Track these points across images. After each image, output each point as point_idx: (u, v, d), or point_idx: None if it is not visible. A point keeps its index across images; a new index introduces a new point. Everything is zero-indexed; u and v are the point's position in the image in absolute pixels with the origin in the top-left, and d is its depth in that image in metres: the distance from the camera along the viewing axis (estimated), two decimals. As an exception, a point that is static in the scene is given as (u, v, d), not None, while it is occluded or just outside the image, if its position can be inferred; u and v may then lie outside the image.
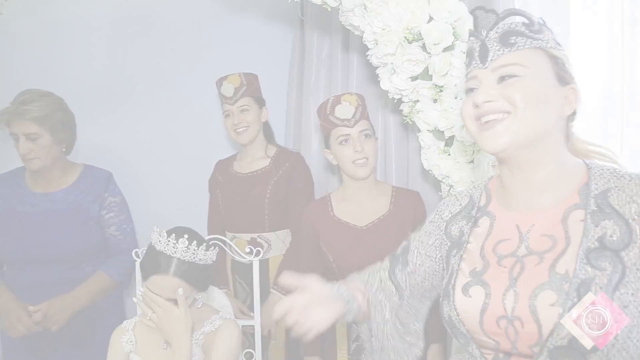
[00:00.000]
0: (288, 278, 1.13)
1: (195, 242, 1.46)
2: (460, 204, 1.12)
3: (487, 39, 0.99)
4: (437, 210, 1.18)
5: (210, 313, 1.59)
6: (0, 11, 2.00)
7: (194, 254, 1.46)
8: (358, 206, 1.83)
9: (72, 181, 2.02)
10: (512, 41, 0.96)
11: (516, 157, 0.97)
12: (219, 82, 2.19)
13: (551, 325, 0.85)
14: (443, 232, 1.12)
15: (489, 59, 0.98)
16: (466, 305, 0.97)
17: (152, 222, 1.54)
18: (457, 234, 1.09)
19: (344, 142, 1.79)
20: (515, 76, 0.94)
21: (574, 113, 0.99)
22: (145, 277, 1.47)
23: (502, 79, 0.96)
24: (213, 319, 1.56)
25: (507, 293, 0.92)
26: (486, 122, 0.96)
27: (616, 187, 0.91)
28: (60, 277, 1.93)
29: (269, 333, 2.12)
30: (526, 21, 0.98)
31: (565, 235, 0.91)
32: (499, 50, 0.97)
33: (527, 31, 0.97)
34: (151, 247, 1.49)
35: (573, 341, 0.83)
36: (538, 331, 0.87)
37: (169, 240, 1.45)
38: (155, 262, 1.45)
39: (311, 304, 1.07)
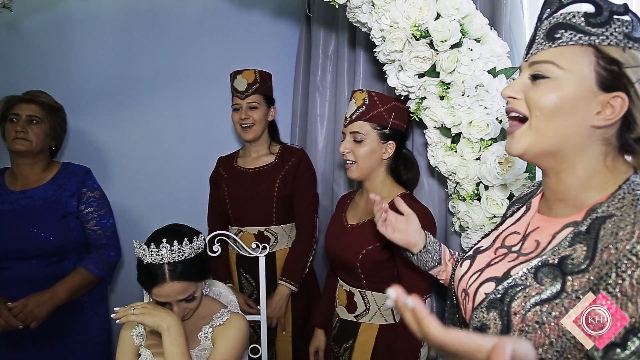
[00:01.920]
0: (402, 204, 1.42)
1: (175, 241, 1.44)
2: (528, 190, 1.14)
3: (539, 29, 0.92)
4: None
5: (219, 307, 1.62)
6: (9, 7, 2.00)
7: (180, 252, 1.45)
8: (361, 205, 1.83)
9: (50, 178, 2.05)
10: (558, 35, 0.88)
11: (539, 163, 0.95)
12: (233, 75, 2.21)
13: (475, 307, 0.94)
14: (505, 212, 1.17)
15: (531, 51, 0.93)
16: (456, 273, 1.08)
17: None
18: (507, 216, 1.13)
19: (342, 139, 1.79)
20: (545, 77, 0.88)
21: (632, 122, 0.86)
22: (148, 292, 1.49)
23: (534, 77, 0.90)
24: (221, 312, 1.58)
25: (475, 273, 1.00)
26: (510, 118, 0.95)
27: (620, 216, 0.81)
28: (41, 274, 1.94)
29: (279, 324, 2.15)
30: (591, 10, 0.86)
31: (546, 246, 0.90)
32: (541, 44, 0.90)
33: (582, 23, 0.86)
34: (139, 262, 1.48)
35: (483, 327, 0.90)
36: (472, 310, 0.96)
37: (151, 251, 1.44)
38: (149, 275, 1.45)
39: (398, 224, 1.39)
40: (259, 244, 1.93)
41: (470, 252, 1.08)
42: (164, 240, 1.43)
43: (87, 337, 2.03)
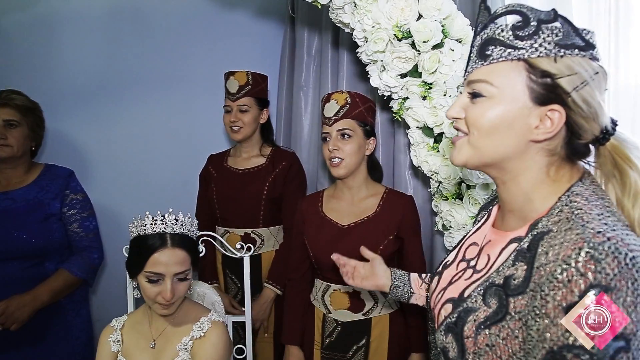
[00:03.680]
0: (366, 251, 1.48)
1: (180, 213, 1.49)
2: (494, 195, 1.12)
3: (473, 45, 0.91)
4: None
5: (199, 314, 1.56)
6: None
7: (182, 225, 1.48)
8: (346, 205, 1.82)
9: (33, 179, 2.03)
10: (489, 52, 0.86)
11: (485, 172, 0.95)
12: (227, 76, 2.19)
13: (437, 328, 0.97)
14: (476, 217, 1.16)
15: (467, 70, 0.92)
16: (430, 291, 1.10)
17: (129, 220, 1.52)
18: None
19: (324, 140, 1.79)
20: (481, 96, 0.87)
21: (577, 130, 0.84)
22: (141, 264, 1.42)
23: (473, 95, 0.89)
24: (201, 321, 1.52)
25: (440, 292, 1.02)
26: (456, 133, 0.95)
27: (555, 231, 0.80)
28: (22, 275, 1.91)
29: (261, 326, 2.15)
30: (518, 21, 0.84)
31: (494, 262, 0.90)
32: (475, 62, 0.89)
33: (510, 37, 0.84)
34: (138, 238, 1.46)
35: (444, 350, 0.92)
36: (438, 329, 0.97)
37: (155, 220, 1.45)
38: (149, 245, 1.43)
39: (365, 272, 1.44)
40: (244, 245, 1.92)
41: (440, 268, 1.09)
42: (170, 209, 1.48)
43: (68, 339, 2.00)
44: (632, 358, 0.71)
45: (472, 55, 0.91)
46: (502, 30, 0.85)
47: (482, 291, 0.87)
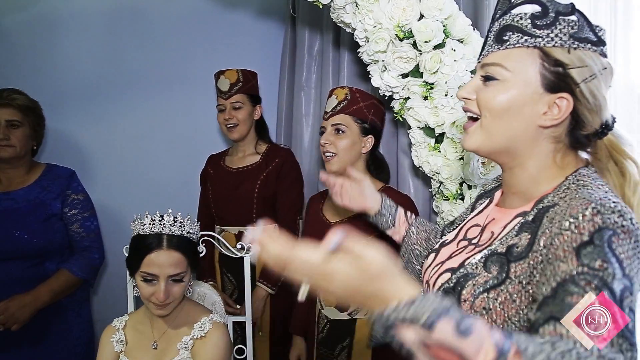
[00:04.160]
0: (352, 171, 1.48)
1: (179, 215, 1.49)
2: (494, 184, 1.15)
3: (491, 30, 0.94)
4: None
5: (200, 314, 1.55)
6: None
7: (181, 226, 1.48)
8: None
9: (34, 179, 2.02)
10: (506, 37, 0.90)
11: (494, 159, 0.98)
12: (217, 75, 2.20)
13: None
14: (472, 204, 1.18)
15: (482, 53, 0.95)
16: (423, 266, 1.10)
17: (130, 220, 1.53)
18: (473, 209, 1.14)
19: (321, 134, 1.79)
20: (495, 79, 0.90)
21: (581, 120, 0.88)
22: (137, 263, 1.44)
23: (485, 78, 0.92)
24: (202, 321, 1.52)
25: (437, 266, 1.02)
26: (467, 117, 0.98)
27: (561, 205, 0.83)
28: (23, 275, 1.91)
29: (255, 325, 2.14)
30: (537, 11, 0.88)
31: (498, 235, 0.93)
32: (491, 46, 0.92)
33: (529, 25, 0.87)
34: (137, 237, 1.48)
35: None
36: None
37: (154, 220, 1.45)
38: (146, 244, 1.44)
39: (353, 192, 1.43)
40: (244, 245, 1.92)
41: (437, 246, 1.10)
42: (169, 210, 1.48)
43: (68, 339, 2.00)
44: (634, 305, 0.73)
45: (488, 39, 0.95)
46: (521, 18, 0.89)
47: (484, 259, 0.89)
